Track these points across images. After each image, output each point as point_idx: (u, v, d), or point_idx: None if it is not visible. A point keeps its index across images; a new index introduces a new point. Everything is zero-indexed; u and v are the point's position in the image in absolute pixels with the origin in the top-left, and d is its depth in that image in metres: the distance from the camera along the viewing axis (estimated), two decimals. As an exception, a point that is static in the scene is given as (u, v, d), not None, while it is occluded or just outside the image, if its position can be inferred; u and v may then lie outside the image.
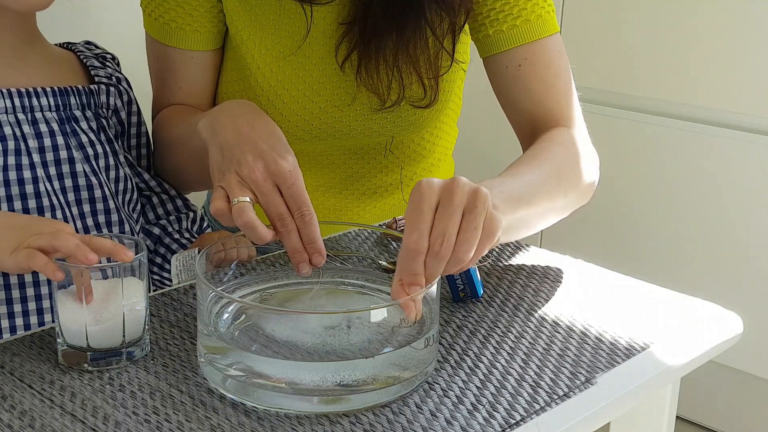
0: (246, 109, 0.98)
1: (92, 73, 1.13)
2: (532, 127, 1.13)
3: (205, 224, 1.22)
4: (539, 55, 1.12)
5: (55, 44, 1.15)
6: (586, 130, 1.16)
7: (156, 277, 1.15)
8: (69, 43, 1.16)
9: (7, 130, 1.02)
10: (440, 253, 0.79)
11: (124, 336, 0.85)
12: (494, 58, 1.14)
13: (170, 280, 1.13)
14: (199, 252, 1.02)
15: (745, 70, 2.00)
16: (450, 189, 0.82)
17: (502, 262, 1.10)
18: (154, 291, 1.03)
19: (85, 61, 1.13)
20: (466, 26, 1.20)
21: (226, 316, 0.87)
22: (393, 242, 1.07)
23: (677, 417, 1.12)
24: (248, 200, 0.88)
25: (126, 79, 1.16)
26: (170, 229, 1.17)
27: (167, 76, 1.21)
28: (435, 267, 0.80)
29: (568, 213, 1.11)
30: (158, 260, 1.15)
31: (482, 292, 0.99)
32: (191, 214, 1.20)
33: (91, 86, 1.11)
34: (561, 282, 1.05)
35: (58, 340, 0.86)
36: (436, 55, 1.14)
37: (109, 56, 1.17)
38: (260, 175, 0.89)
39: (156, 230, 1.17)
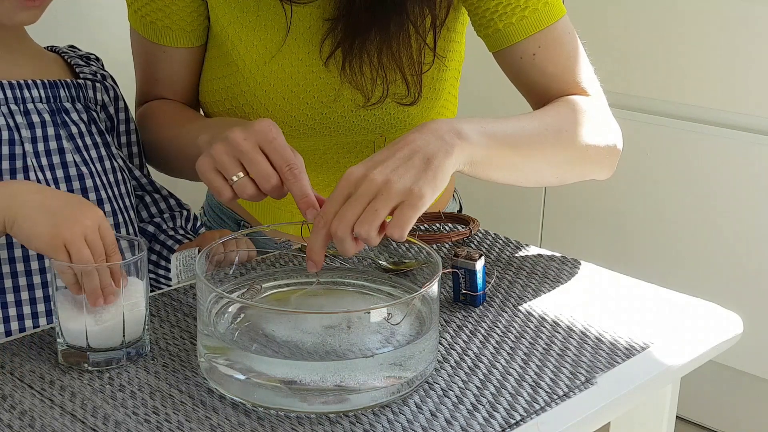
0: (239, 119, 1.01)
1: (77, 70, 1.14)
2: (548, 102, 1.15)
3: (198, 223, 1.22)
4: (551, 40, 1.13)
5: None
6: (605, 101, 1.16)
7: (152, 275, 1.15)
8: (52, 46, 1.17)
9: (0, 121, 1.03)
10: (336, 234, 0.85)
11: (124, 336, 0.85)
12: (507, 50, 1.14)
13: (165, 278, 1.14)
14: (199, 252, 1.02)
15: (744, 70, 1.99)
16: (358, 182, 0.87)
17: (502, 262, 1.10)
18: (153, 291, 1.03)
19: (69, 60, 1.15)
20: (461, 25, 1.20)
21: (226, 316, 0.87)
22: (393, 242, 1.07)
23: (677, 417, 1.12)
24: (241, 176, 0.91)
25: (111, 76, 1.17)
26: (165, 226, 1.18)
27: (147, 68, 1.23)
28: (337, 243, 0.86)
29: (575, 173, 1.11)
30: (153, 257, 1.15)
31: (482, 301, 0.98)
32: (185, 213, 1.21)
33: (79, 81, 1.12)
34: (561, 282, 1.05)
35: (58, 340, 0.86)
36: (419, 51, 1.14)
37: (93, 56, 1.18)
38: (241, 135, 0.91)
39: (150, 228, 1.17)
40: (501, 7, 1.11)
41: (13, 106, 1.05)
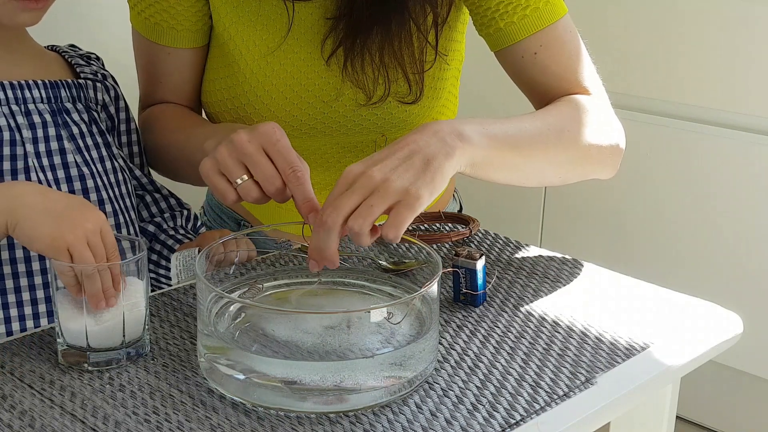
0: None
1: (78, 70, 1.14)
2: (549, 101, 1.15)
3: (199, 223, 1.23)
4: (553, 40, 1.13)
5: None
6: (608, 101, 1.16)
7: (152, 275, 1.15)
8: (53, 45, 1.17)
9: (2, 122, 1.03)
10: (326, 222, 0.84)
11: (124, 336, 0.85)
12: (508, 49, 1.14)
13: (166, 278, 1.14)
14: (199, 252, 1.02)
15: (744, 70, 1.99)
16: (356, 178, 0.86)
17: (502, 262, 1.10)
18: (153, 291, 1.03)
19: (70, 60, 1.15)
20: (462, 24, 1.20)
21: (226, 316, 0.87)
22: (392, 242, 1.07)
23: (677, 417, 1.12)
24: (245, 179, 0.91)
25: (111, 75, 1.18)
26: (165, 226, 1.18)
27: (151, 70, 1.23)
28: (323, 237, 0.84)
29: (577, 173, 1.10)
30: (154, 257, 1.15)
31: (482, 301, 0.98)
32: (185, 212, 1.21)
33: (79, 81, 1.12)
34: (561, 282, 1.05)
35: (58, 340, 0.86)
36: (421, 50, 1.14)
37: (93, 56, 1.18)
38: (245, 138, 0.91)
39: (151, 228, 1.17)
40: (502, 6, 1.11)
41: (14, 107, 1.05)
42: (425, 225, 1.19)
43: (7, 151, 1.03)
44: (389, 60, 1.13)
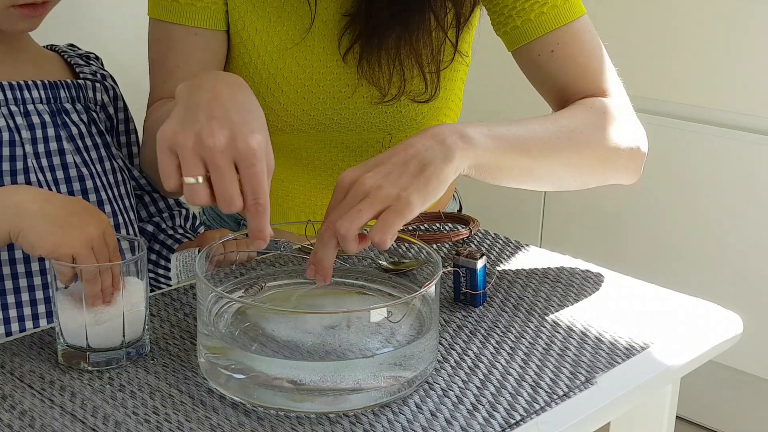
0: (234, 81, 0.87)
1: (77, 70, 1.14)
2: (567, 103, 1.13)
3: (197, 222, 1.22)
4: (570, 38, 1.11)
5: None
6: (629, 103, 1.14)
7: (152, 275, 1.15)
8: (52, 45, 1.17)
9: (1, 122, 1.04)
10: (323, 236, 0.84)
11: (124, 336, 0.85)
12: (525, 48, 1.13)
13: (165, 278, 1.14)
14: (198, 252, 1.02)
15: (744, 70, 2.00)
16: (349, 187, 0.85)
17: (502, 262, 1.10)
18: (153, 291, 1.03)
19: (69, 60, 1.15)
20: (473, 26, 1.20)
21: (226, 316, 0.87)
22: (393, 242, 1.06)
23: (677, 417, 1.12)
24: (199, 181, 0.79)
25: (111, 75, 1.17)
26: (164, 225, 1.18)
27: (166, 58, 1.15)
28: (322, 248, 0.84)
29: (595, 177, 1.08)
30: (153, 257, 1.15)
31: (482, 301, 0.98)
32: (183, 212, 1.21)
33: (79, 81, 1.12)
34: (561, 282, 1.05)
35: (58, 340, 0.86)
36: (439, 48, 1.13)
37: (92, 56, 1.18)
38: (219, 145, 0.79)
39: (150, 227, 1.17)
40: (519, 4, 1.11)
41: (14, 107, 1.05)
42: (425, 225, 1.19)
43: (6, 151, 1.03)
44: (406, 58, 1.12)
